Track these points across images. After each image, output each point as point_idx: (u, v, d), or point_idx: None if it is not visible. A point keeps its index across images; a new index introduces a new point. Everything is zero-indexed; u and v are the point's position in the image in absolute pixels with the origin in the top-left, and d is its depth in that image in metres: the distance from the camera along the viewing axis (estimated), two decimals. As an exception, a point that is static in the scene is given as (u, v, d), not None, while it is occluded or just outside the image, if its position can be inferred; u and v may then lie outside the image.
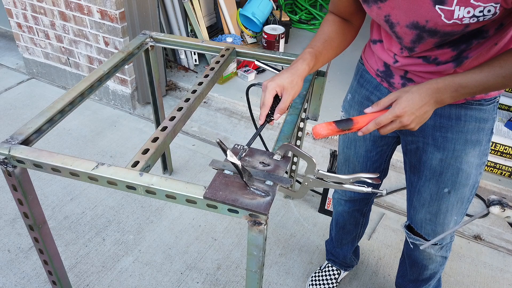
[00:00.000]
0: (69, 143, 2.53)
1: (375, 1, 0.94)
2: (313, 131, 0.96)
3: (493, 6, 0.79)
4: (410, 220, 1.33)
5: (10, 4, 2.80)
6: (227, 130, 2.71)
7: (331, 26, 1.12)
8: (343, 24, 1.12)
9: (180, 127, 1.22)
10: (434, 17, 0.86)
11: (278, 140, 1.14)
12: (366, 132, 0.96)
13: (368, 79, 1.20)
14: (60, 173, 1.03)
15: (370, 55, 1.18)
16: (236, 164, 0.84)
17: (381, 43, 1.10)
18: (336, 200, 1.59)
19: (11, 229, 1.98)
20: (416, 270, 1.46)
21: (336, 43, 1.11)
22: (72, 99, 1.26)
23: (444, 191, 1.17)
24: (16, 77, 3.16)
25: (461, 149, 1.10)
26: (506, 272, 1.90)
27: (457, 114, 1.07)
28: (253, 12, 3.47)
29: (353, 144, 1.34)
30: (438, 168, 1.15)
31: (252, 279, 1.01)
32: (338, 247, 1.72)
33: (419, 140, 1.16)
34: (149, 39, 1.70)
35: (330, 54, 1.11)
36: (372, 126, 0.94)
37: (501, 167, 2.34)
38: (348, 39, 1.15)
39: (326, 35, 1.11)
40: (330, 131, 0.95)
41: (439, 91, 0.90)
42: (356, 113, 1.27)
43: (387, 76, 1.12)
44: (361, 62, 1.24)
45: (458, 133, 1.09)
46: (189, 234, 2.00)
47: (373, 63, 1.17)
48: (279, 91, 1.01)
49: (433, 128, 1.11)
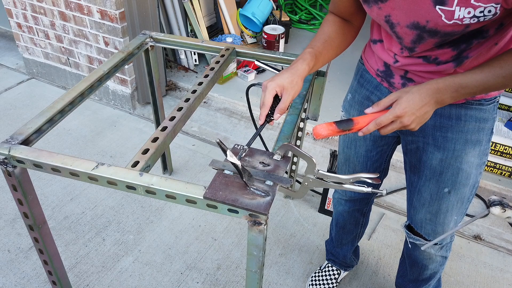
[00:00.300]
0: (69, 143, 2.53)
1: (375, 2, 0.94)
2: (314, 131, 0.96)
3: (493, 7, 0.79)
4: (410, 220, 1.33)
5: (10, 4, 2.80)
6: (227, 130, 2.71)
7: (331, 26, 1.12)
8: (343, 24, 1.12)
9: (180, 127, 1.22)
10: (435, 18, 0.86)
11: (278, 140, 1.14)
12: (366, 132, 0.96)
13: (368, 79, 1.20)
14: (60, 173, 1.03)
15: (370, 55, 1.18)
16: (236, 164, 0.84)
17: (381, 43, 1.10)
18: (336, 199, 1.59)
19: (11, 229, 1.98)
20: (416, 270, 1.46)
21: (336, 43, 1.11)
22: (72, 99, 1.26)
23: (444, 191, 1.17)
24: (16, 77, 3.16)
25: (461, 149, 1.10)
26: (506, 272, 1.90)
27: (457, 114, 1.07)
28: (253, 12, 3.47)
29: (353, 144, 1.34)
30: (438, 168, 1.15)
31: (252, 279, 1.01)
32: (338, 247, 1.72)
33: (419, 140, 1.16)
34: (149, 39, 1.70)
35: (330, 54, 1.11)
36: (373, 127, 0.94)
37: (501, 167, 2.34)
38: (348, 39, 1.15)
39: (326, 35, 1.10)
40: (330, 132, 0.95)
41: (440, 92, 0.91)
42: (357, 113, 1.27)
43: (387, 76, 1.12)
44: (361, 62, 1.24)
45: (458, 133, 1.09)
46: (189, 234, 2.00)
47: (373, 63, 1.17)
48: (279, 91, 1.01)
49: (433, 128, 1.11)
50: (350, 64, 3.10)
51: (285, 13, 3.81)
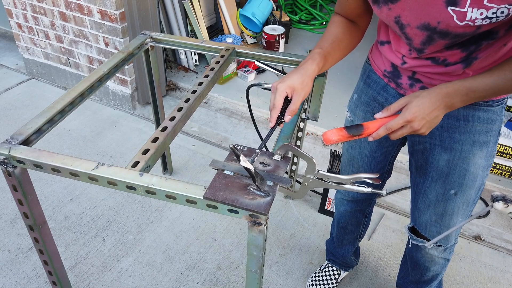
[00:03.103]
0: (69, 143, 2.53)
1: (385, 3, 0.94)
2: (324, 137, 0.95)
3: (506, 8, 0.78)
4: (414, 222, 1.31)
5: (10, 4, 2.80)
6: (227, 130, 2.71)
7: (338, 27, 1.11)
8: (350, 26, 1.12)
9: (180, 128, 1.22)
10: (446, 19, 0.85)
11: (278, 141, 1.14)
12: (376, 137, 0.95)
13: (375, 79, 1.20)
14: (60, 173, 1.03)
15: (377, 55, 1.18)
16: (249, 169, 0.84)
17: (389, 45, 1.09)
18: (338, 200, 1.59)
19: (11, 229, 1.98)
20: (418, 271, 1.45)
21: (344, 44, 1.11)
22: (72, 99, 1.26)
23: (451, 192, 1.16)
24: (16, 77, 3.16)
25: (468, 150, 1.09)
26: (506, 273, 1.90)
27: (465, 115, 1.06)
28: (253, 12, 3.48)
29: (357, 144, 1.33)
30: (445, 169, 1.14)
31: (252, 279, 1.01)
32: (339, 247, 1.72)
33: (426, 141, 1.15)
34: (149, 39, 1.70)
35: (338, 55, 1.10)
36: (383, 132, 0.93)
37: (501, 167, 2.34)
38: (355, 41, 1.14)
39: (334, 36, 1.10)
40: (340, 137, 0.94)
41: (449, 96, 0.90)
42: (363, 113, 1.26)
43: (395, 76, 1.11)
44: (368, 63, 1.24)
45: (465, 134, 1.08)
46: (189, 234, 2.00)
47: (380, 63, 1.16)
48: (289, 93, 1.00)
49: (441, 129, 1.10)
50: (350, 64, 3.10)
51: (285, 13, 3.81)
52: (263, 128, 2.69)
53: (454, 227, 1.18)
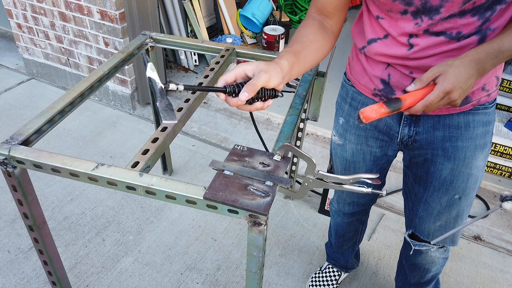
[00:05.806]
0: (69, 143, 2.53)
1: None
2: (362, 115, 0.87)
3: None
4: (414, 229, 1.29)
5: (10, 4, 2.80)
6: (227, 130, 2.71)
7: (309, 28, 1.04)
8: (321, 27, 1.05)
9: (180, 128, 1.22)
10: None
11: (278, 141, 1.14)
12: (414, 112, 0.90)
13: (362, 100, 1.14)
14: (60, 173, 1.03)
15: (360, 73, 1.11)
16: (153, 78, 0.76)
17: (382, 40, 1.01)
18: (334, 212, 1.56)
19: (11, 229, 1.98)
20: (418, 274, 1.45)
21: (315, 46, 1.02)
22: (72, 99, 1.26)
23: (455, 197, 1.15)
24: (16, 77, 3.16)
25: (471, 156, 1.09)
26: (506, 273, 1.90)
27: (465, 121, 1.05)
28: (253, 12, 3.48)
29: (352, 166, 1.29)
30: (449, 178, 1.12)
31: (252, 279, 1.01)
32: (339, 253, 1.72)
33: (427, 153, 1.13)
34: (149, 40, 1.70)
35: (311, 56, 1.00)
36: (421, 107, 0.87)
37: (501, 168, 2.34)
38: (327, 44, 1.05)
39: (303, 36, 1.02)
40: (380, 114, 0.88)
41: (481, 61, 0.86)
42: (354, 137, 1.21)
43: (388, 93, 1.06)
44: (349, 84, 1.17)
45: (468, 140, 1.07)
46: (189, 234, 2.00)
47: (367, 82, 1.10)
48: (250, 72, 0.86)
49: (443, 140, 1.08)
50: (350, 64, 3.09)
51: (285, 13, 3.81)
52: (263, 129, 2.69)
53: (460, 227, 1.18)
